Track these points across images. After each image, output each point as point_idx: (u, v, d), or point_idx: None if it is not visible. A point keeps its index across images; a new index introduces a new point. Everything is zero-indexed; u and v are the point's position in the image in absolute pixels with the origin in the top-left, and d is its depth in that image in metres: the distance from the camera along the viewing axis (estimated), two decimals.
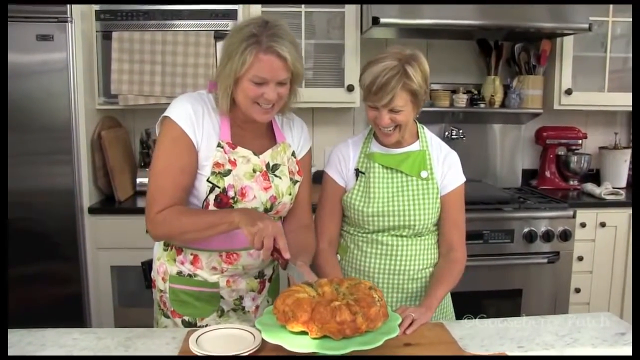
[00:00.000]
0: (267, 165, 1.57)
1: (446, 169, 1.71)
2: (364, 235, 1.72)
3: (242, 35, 1.41)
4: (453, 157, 1.74)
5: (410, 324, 1.42)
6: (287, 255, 1.37)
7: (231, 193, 1.49)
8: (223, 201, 1.50)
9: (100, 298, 2.70)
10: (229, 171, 1.50)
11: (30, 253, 2.56)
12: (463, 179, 1.74)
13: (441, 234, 1.74)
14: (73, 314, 2.61)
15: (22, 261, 2.52)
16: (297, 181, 1.62)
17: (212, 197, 1.50)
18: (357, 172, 1.72)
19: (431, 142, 1.74)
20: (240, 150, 1.53)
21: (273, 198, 1.55)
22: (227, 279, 1.59)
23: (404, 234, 1.68)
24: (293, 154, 1.64)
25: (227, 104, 1.48)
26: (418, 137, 1.73)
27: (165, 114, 1.50)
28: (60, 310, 2.56)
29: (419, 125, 1.75)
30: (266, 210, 1.56)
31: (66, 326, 1.44)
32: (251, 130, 1.57)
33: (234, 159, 1.51)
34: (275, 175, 1.57)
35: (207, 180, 1.49)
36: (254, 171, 1.53)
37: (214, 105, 1.53)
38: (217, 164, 1.49)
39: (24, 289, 2.52)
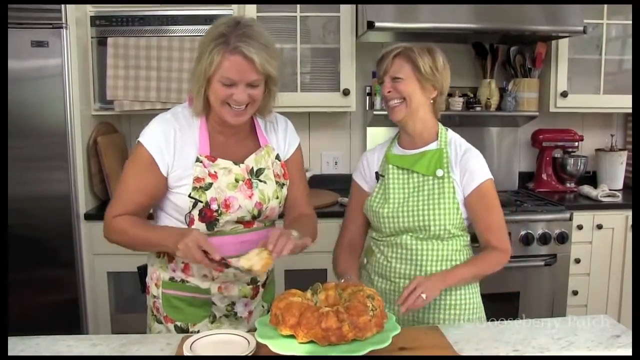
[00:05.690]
0: (251, 170, 1.55)
1: (464, 168, 1.63)
2: (384, 239, 1.70)
3: (212, 35, 1.42)
4: (471, 155, 1.66)
5: (410, 295, 1.44)
6: (216, 257, 1.36)
7: (214, 206, 1.49)
8: (207, 215, 1.49)
9: (97, 304, 2.70)
10: (210, 184, 1.49)
11: (26, 259, 2.55)
12: (486, 176, 1.63)
13: (478, 238, 1.68)
14: (69, 320, 2.60)
15: (18, 267, 2.51)
16: (283, 184, 1.61)
17: (195, 212, 1.50)
18: (377, 175, 1.74)
19: (450, 141, 1.69)
20: (221, 162, 1.52)
21: (258, 204, 1.54)
22: (219, 285, 1.58)
23: (422, 236, 1.64)
24: (277, 157, 1.62)
25: (200, 105, 1.48)
26: (437, 138, 1.69)
27: (139, 138, 1.52)
28: (56, 317, 2.56)
29: (441, 126, 1.71)
30: (254, 217, 1.55)
31: (62, 333, 1.43)
32: (232, 135, 1.56)
33: (215, 172, 1.50)
34: (260, 180, 1.56)
35: (189, 196, 1.48)
36: (237, 181, 1.52)
37: (189, 120, 1.53)
38: (197, 179, 1.49)
39: (20, 296, 2.51)
